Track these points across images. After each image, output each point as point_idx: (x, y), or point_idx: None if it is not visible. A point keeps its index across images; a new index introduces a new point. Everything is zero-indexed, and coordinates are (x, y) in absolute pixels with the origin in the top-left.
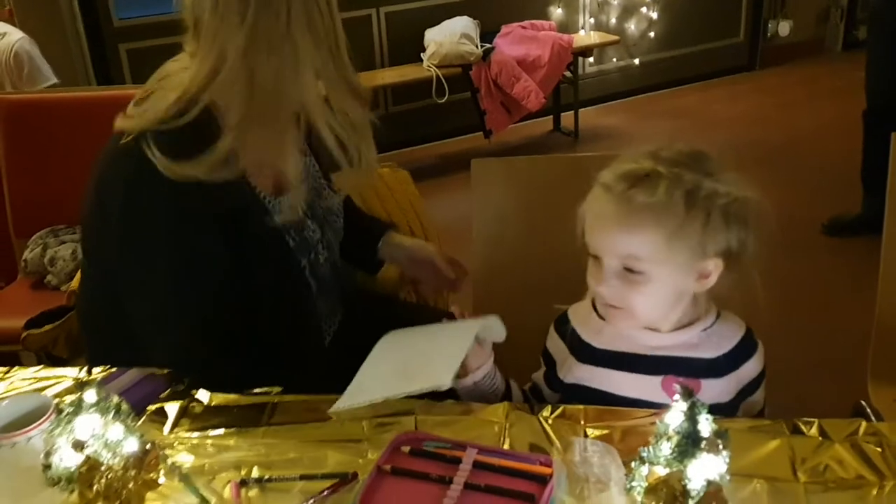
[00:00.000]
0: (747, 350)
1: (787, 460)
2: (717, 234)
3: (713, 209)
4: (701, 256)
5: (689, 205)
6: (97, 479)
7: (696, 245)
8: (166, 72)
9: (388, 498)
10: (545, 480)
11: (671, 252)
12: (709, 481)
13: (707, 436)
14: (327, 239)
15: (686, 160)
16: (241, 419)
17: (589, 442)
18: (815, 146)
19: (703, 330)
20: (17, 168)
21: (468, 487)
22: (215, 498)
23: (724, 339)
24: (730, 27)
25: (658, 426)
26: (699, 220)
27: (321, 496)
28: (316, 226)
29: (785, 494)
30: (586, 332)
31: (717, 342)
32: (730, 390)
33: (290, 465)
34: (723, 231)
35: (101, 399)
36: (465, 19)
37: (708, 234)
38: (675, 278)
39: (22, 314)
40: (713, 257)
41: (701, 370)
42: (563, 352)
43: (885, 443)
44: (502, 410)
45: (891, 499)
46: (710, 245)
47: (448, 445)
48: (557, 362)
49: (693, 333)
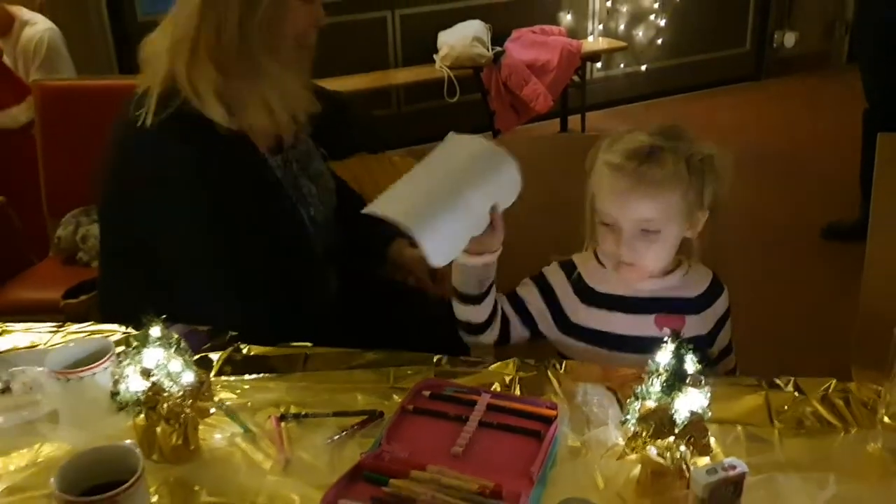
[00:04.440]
0: (717, 290)
1: (764, 411)
2: (707, 188)
3: (704, 168)
4: (698, 208)
5: (689, 170)
6: (160, 403)
7: (695, 200)
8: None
9: (410, 433)
10: (550, 421)
11: (679, 210)
12: (692, 412)
13: (692, 372)
14: (321, 196)
15: (673, 133)
16: (277, 367)
17: (589, 387)
18: (816, 154)
19: (683, 274)
20: (52, 151)
21: (482, 425)
22: (258, 429)
23: (698, 282)
24: (736, 37)
25: (650, 364)
26: (697, 179)
27: (352, 430)
28: (310, 183)
29: (762, 438)
30: (590, 277)
31: (694, 284)
32: (707, 324)
33: (323, 405)
34: (710, 184)
35: (164, 335)
36: (478, 23)
37: (704, 190)
38: (679, 231)
39: (58, 287)
40: (705, 208)
41: (684, 308)
42: (567, 291)
43: (851, 398)
44: (513, 365)
45: (853, 442)
46: (704, 198)
47: (464, 390)
48: (559, 296)
49: (676, 277)
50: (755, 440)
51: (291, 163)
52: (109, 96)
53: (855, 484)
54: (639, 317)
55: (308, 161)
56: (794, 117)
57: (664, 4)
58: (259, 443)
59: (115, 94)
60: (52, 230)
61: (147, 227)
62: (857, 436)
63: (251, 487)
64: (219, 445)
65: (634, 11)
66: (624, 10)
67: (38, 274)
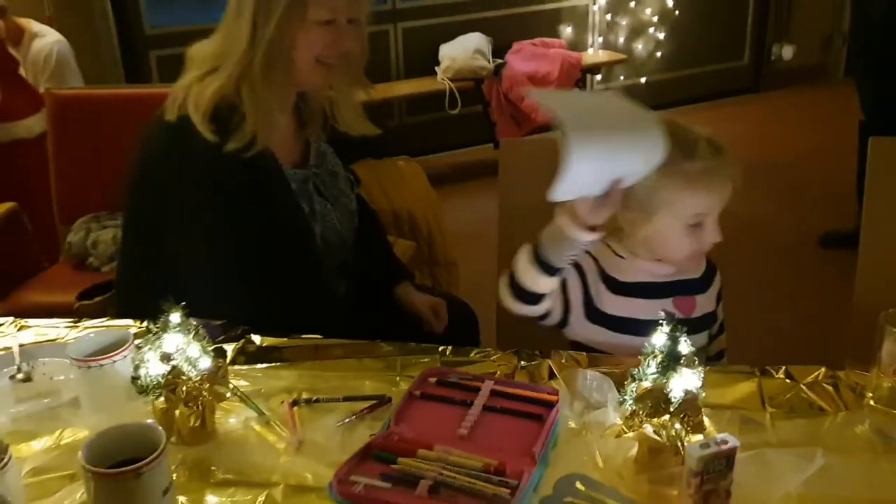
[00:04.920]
0: (713, 268)
1: (757, 397)
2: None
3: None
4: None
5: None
6: (180, 386)
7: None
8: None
9: (418, 416)
10: (552, 405)
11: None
12: (686, 391)
13: (686, 353)
14: (337, 215)
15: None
16: (289, 357)
17: (588, 372)
18: (814, 165)
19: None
20: (63, 158)
21: (486, 409)
22: (271, 413)
23: (699, 262)
24: (735, 50)
25: (646, 347)
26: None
27: (362, 413)
28: (327, 203)
29: (754, 421)
30: (610, 268)
31: (696, 264)
32: (712, 301)
33: (333, 391)
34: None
35: (183, 321)
36: (479, 36)
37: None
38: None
39: (69, 290)
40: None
41: (695, 287)
42: (596, 279)
43: (840, 384)
44: (515, 356)
45: (841, 423)
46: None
47: (469, 377)
48: (590, 283)
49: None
50: (748, 422)
51: (310, 180)
52: (118, 106)
53: (842, 458)
54: (659, 301)
55: (331, 181)
56: (792, 128)
57: (663, 18)
58: (272, 426)
59: (125, 103)
60: (63, 236)
61: (164, 221)
62: (845, 417)
63: (266, 466)
64: (234, 428)
65: (634, 25)
66: (624, 23)
67: (49, 278)
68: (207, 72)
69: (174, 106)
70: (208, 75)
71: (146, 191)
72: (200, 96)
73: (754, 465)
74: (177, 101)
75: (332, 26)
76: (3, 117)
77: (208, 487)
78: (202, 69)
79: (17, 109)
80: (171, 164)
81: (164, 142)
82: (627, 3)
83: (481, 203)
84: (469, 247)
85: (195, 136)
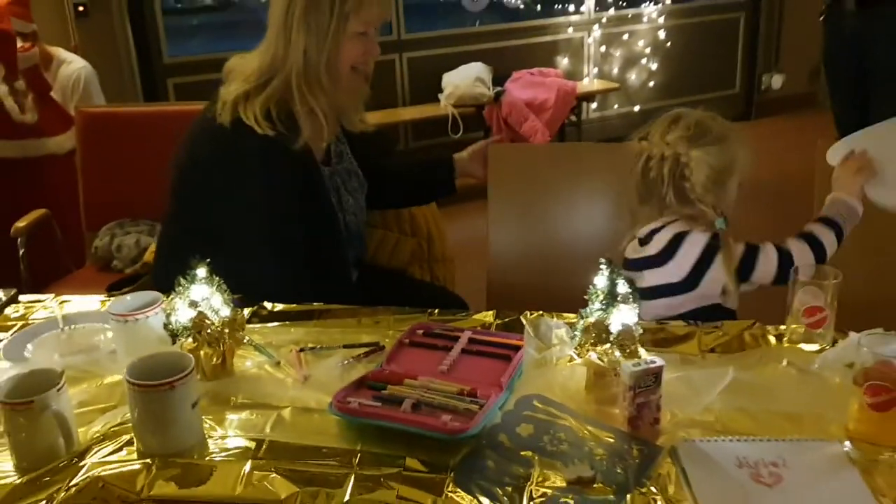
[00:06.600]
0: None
1: (696, 346)
2: None
3: None
4: None
5: None
6: (204, 329)
7: None
8: (230, 66)
9: (407, 358)
10: (519, 348)
11: None
12: (624, 324)
13: (622, 292)
14: (356, 209)
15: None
16: (297, 318)
17: (550, 320)
18: (802, 189)
19: None
20: (91, 171)
21: (464, 352)
22: (282, 359)
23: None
24: (726, 79)
25: (591, 289)
26: None
27: (359, 357)
28: (349, 195)
29: (688, 359)
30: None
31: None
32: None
33: (334, 342)
34: None
35: (208, 276)
36: (480, 65)
37: None
38: None
39: (97, 288)
40: None
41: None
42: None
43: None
44: (492, 314)
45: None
46: None
47: (451, 329)
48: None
49: None
50: (683, 360)
51: (336, 175)
52: (141, 122)
53: (750, 374)
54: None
55: (349, 177)
56: (783, 153)
57: (655, 49)
58: (283, 367)
59: (151, 120)
60: (90, 242)
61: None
62: (763, 352)
63: (277, 395)
64: (249, 369)
65: (627, 55)
66: (617, 53)
67: (77, 279)
68: (264, 81)
69: (226, 110)
70: (266, 84)
71: (196, 175)
72: (258, 101)
73: (678, 382)
74: (227, 105)
75: (366, 37)
76: (38, 134)
77: (228, 409)
78: (257, 79)
79: (50, 127)
80: (227, 155)
81: (220, 138)
82: (620, 37)
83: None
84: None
85: (251, 135)
